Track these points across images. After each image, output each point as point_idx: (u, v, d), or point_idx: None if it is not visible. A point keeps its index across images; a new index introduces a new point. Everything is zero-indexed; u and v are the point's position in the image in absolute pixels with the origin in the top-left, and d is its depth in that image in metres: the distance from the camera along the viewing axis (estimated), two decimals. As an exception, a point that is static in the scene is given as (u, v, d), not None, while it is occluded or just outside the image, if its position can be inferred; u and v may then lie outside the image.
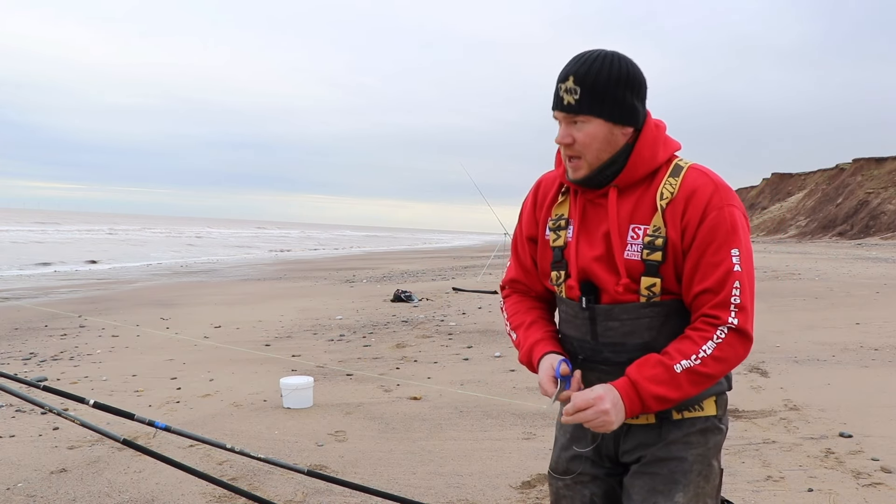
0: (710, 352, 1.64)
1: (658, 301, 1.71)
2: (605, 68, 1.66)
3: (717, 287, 1.64)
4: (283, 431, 5.08)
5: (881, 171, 75.89)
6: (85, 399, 3.06)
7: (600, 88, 1.66)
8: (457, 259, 34.04)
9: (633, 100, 1.70)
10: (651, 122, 1.76)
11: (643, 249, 1.69)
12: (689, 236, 1.67)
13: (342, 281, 19.29)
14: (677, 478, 1.74)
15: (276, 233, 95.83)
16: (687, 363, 1.64)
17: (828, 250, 39.29)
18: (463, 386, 6.47)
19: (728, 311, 1.64)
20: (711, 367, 1.64)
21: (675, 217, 1.68)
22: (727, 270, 1.64)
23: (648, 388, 1.64)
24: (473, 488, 4.01)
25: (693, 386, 1.65)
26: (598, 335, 1.77)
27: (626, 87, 1.68)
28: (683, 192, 1.68)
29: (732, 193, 1.71)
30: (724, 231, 1.65)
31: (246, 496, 3.24)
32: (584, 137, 1.69)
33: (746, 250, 1.68)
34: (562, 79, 1.70)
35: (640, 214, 1.71)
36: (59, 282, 18.39)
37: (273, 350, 8.40)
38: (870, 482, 3.98)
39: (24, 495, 3.87)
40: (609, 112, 1.67)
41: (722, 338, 1.64)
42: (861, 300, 12.92)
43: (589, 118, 1.68)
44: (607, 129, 1.69)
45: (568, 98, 1.68)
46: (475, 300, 13.63)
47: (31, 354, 7.98)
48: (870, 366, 7.21)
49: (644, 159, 1.72)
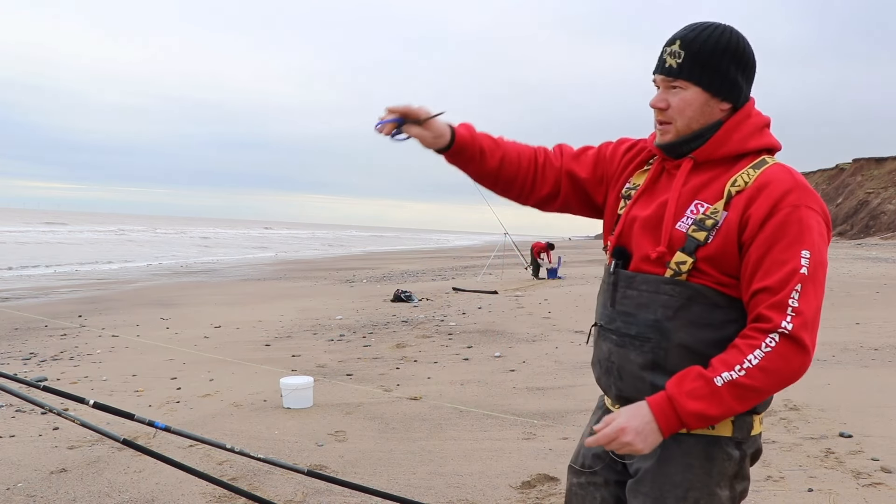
0: (756, 362, 1.47)
1: (682, 280, 1.60)
2: (713, 37, 1.61)
3: (777, 286, 1.49)
4: (283, 431, 5.08)
5: (881, 171, 75.90)
6: (85, 399, 3.06)
7: (704, 55, 1.60)
8: (457, 259, 34.04)
9: (737, 75, 1.63)
10: (751, 107, 1.68)
11: (692, 225, 1.60)
12: (754, 228, 1.54)
13: (342, 281, 19.29)
14: (668, 502, 1.61)
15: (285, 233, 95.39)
16: (728, 375, 1.48)
17: (828, 250, 39.27)
18: (463, 386, 6.48)
19: (784, 314, 1.48)
20: (758, 380, 1.48)
21: (739, 205, 1.57)
22: (792, 270, 1.50)
23: (686, 404, 1.49)
24: (473, 488, 4.01)
25: (738, 401, 1.49)
26: (615, 302, 1.70)
27: (731, 60, 1.62)
28: (758, 182, 1.58)
29: (816, 198, 1.58)
30: (797, 230, 1.52)
31: (246, 496, 3.24)
32: (679, 102, 1.64)
33: (819, 257, 1.53)
34: (669, 42, 1.65)
35: (708, 193, 1.62)
36: (59, 282, 18.38)
37: (273, 350, 8.40)
38: (870, 482, 3.98)
39: (24, 495, 3.87)
40: (709, 81, 1.62)
41: (772, 346, 1.47)
42: (861, 300, 12.93)
43: (688, 84, 1.62)
44: (704, 99, 1.63)
45: (670, 61, 1.63)
46: (475, 300, 13.63)
47: (31, 354, 7.98)
48: (870, 366, 7.21)
49: (730, 139, 1.64)
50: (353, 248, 53.83)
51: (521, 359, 7.64)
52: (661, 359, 1.62)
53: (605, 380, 1.76)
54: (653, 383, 1.62)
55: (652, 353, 1.63)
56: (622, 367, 1.68)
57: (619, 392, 1.71)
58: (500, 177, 1.85)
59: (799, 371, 1.50)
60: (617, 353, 1.69)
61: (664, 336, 1.61)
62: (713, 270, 1.59)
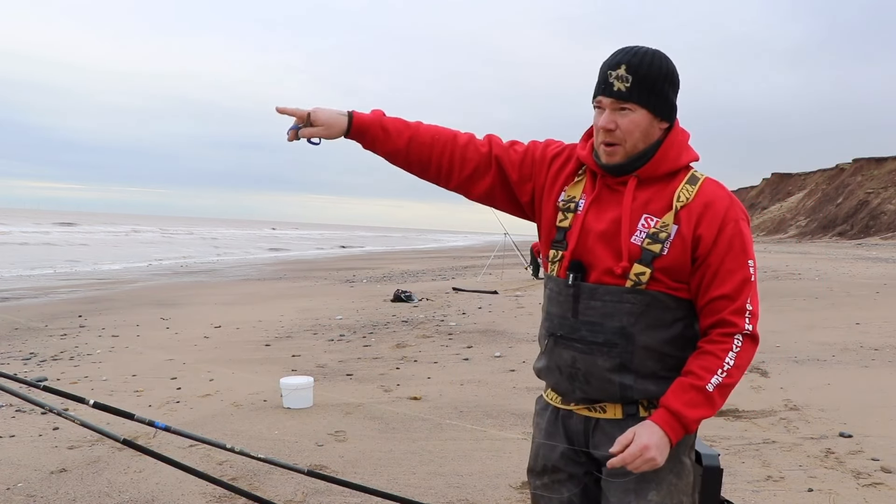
0: (732, 362, 1.72)
1: (642, 290, 1.75)
2: (655, 62, 1.75)
3: (734, 294, 1.72)
4: (283, 431, 5.08)
5: (881, 171, 75.86)
6: (85, 399, 3.06)
7: (650, 80, 1.74)
8: (457, 259, 34.04)
9: (674, 98, 1.80)
10: (679, 126, 1.84)
11: (646, 238, 1.74)
12: (707, 245, 1.73)
13: (342, 281, 19.29)
14: (649, 476, 1.76)
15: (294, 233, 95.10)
16: (717, 379, 1.71)
17: (828, 250, 39.29)
18: (463, 386, 6.48)
19: (743, 318, 1.73)
20: (735, 377, 1.73)
21: (689, 220, 1.74)
22: (744, 279, 1.73)
23: (689, 414, 1.70)
24: (473, 488, 4.01)
25: (723, 398, 1.73)
26: (578, 313, 1.81)
27: (670, 84, 1.78)
28: (700, 199, 1.76)
29: (743, 208, 1.80)
30: (740, 242, 1.74)
31: (246, 496, 3.24)
32: (628, 124, 1.75)
33: (755, 262, 1.79)
34: (613, 66, 1.75)
35: (655, 207, 1.77)
36: (59, 282, 18.39)
37: (273, 350, 8.40)
38: (870, 482, 3.98)
39: (24, 495, 3.87)
40: (654, 104, 1.75)
41: (740, 346, 1.72)
42: (861, 300, 12.92)
43: (636, 107, 1.74)
44: (649, 121, 1.76)
45: (619, 85, 1.74)
46: (475, 300, 13.63)
47: (31, 354, 7.98)
48: (870, 366, 7.21)
49: (669, 158, 1.79)
50: (371, 247, 53.89)
51: (521, 359, 7.64)
52: (628, 361, 1.77)
53: (568, 385, 1.86)
54: (621, 383, 1.78)
55: (619, 357, 1.78)
56: (589, 372, 1.81)
57: (585, 395, 1.84)
58: (412, 157, 1.94)
59: (753, 358, 1.78)
60: (583, 360, 1.81)
61: (629, 341, 1.77)
62: (666, 278, 1.76)
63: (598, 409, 1.83)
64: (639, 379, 1.77)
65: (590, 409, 1.84)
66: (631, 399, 1.79)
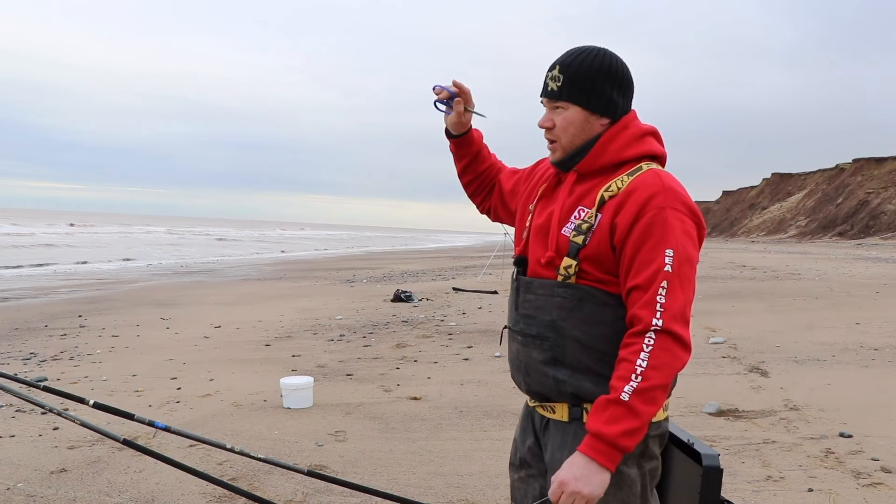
0: (646, 363, 1.60)
1: (572, 283, 1.74)
2: (587, 60, 1.77)
3: (645, 284, 1.64)
4: (283, 431, 5.09)
5: (881, 171, 75.85)
6: (85, 399, 3.06)
7: (580, 77, 1.76)
8: (457, 259, 34.05)
9: (613, 92, 1.78)
10: (628, 119, 1.82)
11: (573, 230, 1.75)
12: (623, 231, 1.68)
13: (342, 281, 19.29)
14: None
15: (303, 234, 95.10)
16: (630, 387, 1.59)
17: (828, 250, 39.31)
18: (463, 386, 6.48)
19: (653, 312, 1.62)
20: (655, 378, 1.60)
21: (610, 210, 1.71)
22: (657, 269, 1.64)
23: (609, 431, 1.59)
24: (473, 488, 4.01)
25: (648, 405, 1.61)
26: (518, 306, 1.85)
27: (605, 80, 1.77)
28: (628, 188, 1.72)
29: (683, 198, 1.71)
30: (661, 231, 1.65)
31: (246, 496, 3.24)
32: (562, 121, 1.79)
33: (684, 253, 1.66)
34: (550, 68, 1.82)
35: (588, 200, 1.77)
36: (59, 282, 18.39)
37: (273, 350, 8.40)
38: (870, 482, 3.98)
39: (24, 495, 3.87)
40: (586, 100, 1.77)
41: (651, 344, 1.61)
42: (861, 300, 12.93)
43: (568, 104, 1.78)
44: (583, 117, 1.78)
45: (552, 84, 1.79)
46: (475, 300, 13.64)
47: (31, 354, 7.98)
48: (870, 366, 7.21)
49: (609, 151, 1.78)
50: (375, 247, 53.89)
51: (521, 359, 7.64)
52: (560, 355, 1.77)
53: (517, 377, 1.90)
54: (555, 377, 1.77)
55: (551, 351, 1.77)
56: (528, 364, 1.83)
57: (529, 387, 1.86)
58: (479, 178, 2.17)
59: (683, 360, 1.64)
60: (523, 352, 1.84)
61: (560, 334, 1.76)
62: (594, 270, 1.73)
63: (549, 409, 1.83)
64: (574, 374, 1.74)
65: (543, 408, 1.85)
66: (566, 393, 1.76)
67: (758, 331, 9.36)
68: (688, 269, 1.66)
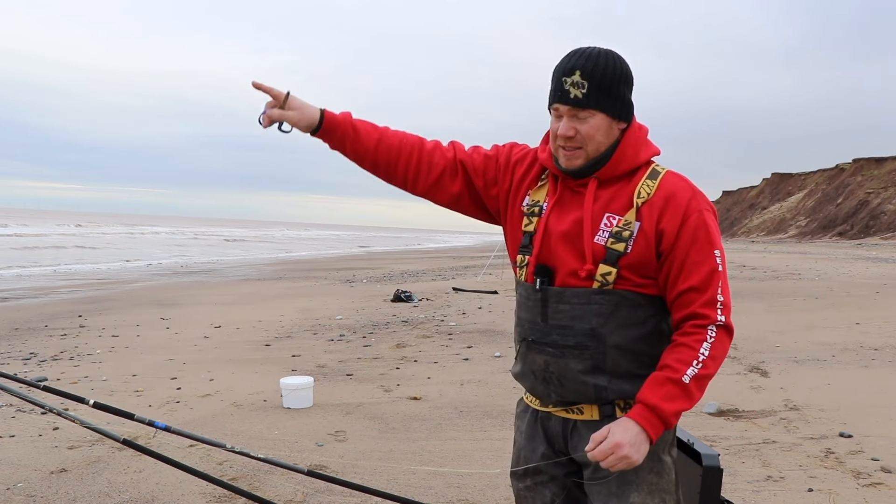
0: (707, 353, 1.68)
1: (610, 290, 1.74)
2: (609, 64, 1.74)
3: (702, 286, 1.71)
4: (283, 431, 5.09)
5: (881, 171, 75.85)
6: (85, 399, 3.06)
7: (606, 84, 1.73)
8: (457, 259, 34.05)
9: (629, 95, 1.79)
10: (636, 122, 1.83)
11: (609, 237, 1.74)
12: (671, 238, 1.72)
13: (342, 281, 19.29)
14: (629, 478, 1.75)
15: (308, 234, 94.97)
16: (692, 371, 1.67)
17: (828, 250, 39.31)
18: (463, 386, 6.48)
19: (715, 310, 1.70)
20: (711, 368, 1.69)
21: (651, 215, 1.73)
22: (712, 269, 1.71)
23: (667, 407, 1.66)
24: (473, 488, 4.01)
25: (701, 390, 1.70)
26: (548, 317, 1.80)
27: (625, 84, 1.77)
28: (661, 193, 1.74)
29: (706, 197, 1.78)
30: (706, 233, 1.72)
31: (246, 496, 3.24)
32: (588, 129, 1.74)
33: (722, 252, 1.77)
34: (567, 73, 1.73)
35: (616, 206, 1.77)
36: (60, 282, 18.39)
37: (273, 350, 8.40)
38: (870, 482, 3.98)
39: (24, 495, 3.87)
40: (612, 107, 1.75)
41: (714, 337, 1.69)
42: (861, 300, 12.92)
43: (594, 112, 1.74)
44: (608, 124, 1.76)
45: (575, 92, 1.72)
46: (475, 300, 13.64)
47: (31, 354, 7.98)
48: (870, 366, 7.21)
49: (627, 156, 1.78)
50: (379, 247, 53.92)
51: (521, 359, 7.63)
52: (601, 362, 1.77)
53: (543, 388, 1.85)
54: (595, 385, 1.77)
55: (592, 359, 1.77)
56: (563, 375, 1.80)
57: (560, 398, 1.83)
58: (379, 158, 1.92)
59: (729, 349, 1.75)
60: (556, 364, 1.80)
61: (600, 342, 1.76)
62: (633, 276, 1.75)
63: (575, 411, 1.82)
64: (613, 379, 1.76)
65: (567, 411, 1.83)
66: (606, 399, 1.77)
67: (758, 331, 9.36)
68: (725, 266, 1.76)
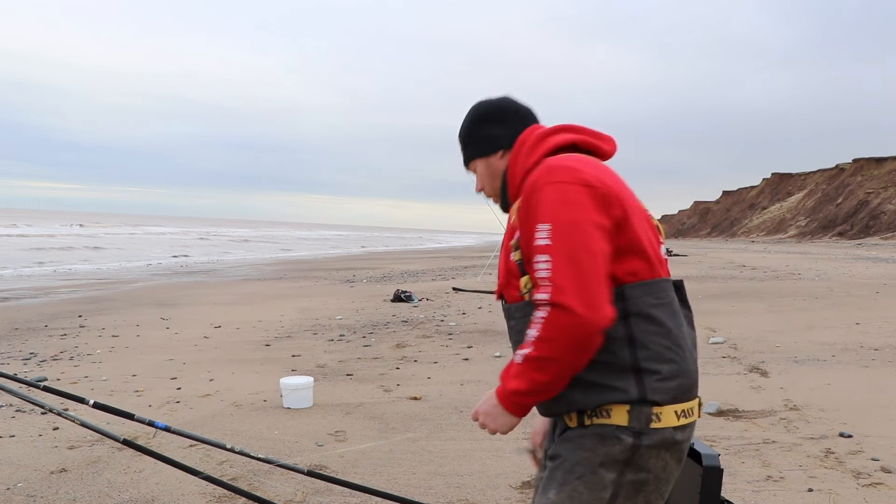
0: (536, 334, 1.62)
1: None
2: (467, 118, 1.96)
3: (532, 263, 1.68)
4: (283, 431, 5.09)
5: (881, 171, 75.86)
6: (85, 399, 3.06)
7: (464, 137, 1.96)
8: (457, 259, 34.04)
9: (490, 129, 1.91)
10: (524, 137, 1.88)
11: (514, 251, 1.79)
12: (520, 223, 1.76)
13: (342, 281, 19.29)
14: (556, 475, 1.75)
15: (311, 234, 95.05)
16: (523, 351, 1.66)
17: (828, 250, 39.31)
18: (463, 386, 6.48)
19: (538, 289, 1.64)
20: (542, 350, 1.62)
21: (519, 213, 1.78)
22: (533, 249, 1.67)
23: (507, 385, 1.70)
24: (473, 488, 4.01)
25: (538, 372, 1.64)
26: (509, 333, 1.89)
27: (480, 123, 1.93)
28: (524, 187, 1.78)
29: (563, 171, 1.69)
30: (533, 211, 1.69)
31: (246, 496, 3.24)
32: (480, 178, 1.97)
33: (563, 222, 1.64)
34: None
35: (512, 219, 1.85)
36: (60, 282, 18.39)
37: (273, 350, 8.40)
38: (870, 482, 3.98)
39: (24, 495, 3.87)
40: (477, 150, 1.94)
41: (543, 318, 1.62)
42: (861, 300, 12.92)
43: (475, 162, 1.96)
44: (485, 163, 1.94)
45: (462, 157, 2.00)
46: (475, 300, 13.64)
47: (31, 354, 7.98)
48: (870, 366, 7.21)
49: (515, 172, 1.87)
50: (385, 247, 53.93)
51: (521, 359, 7.63)
52: None
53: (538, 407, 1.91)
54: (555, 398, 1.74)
55: None
56: None
57: (546, 410, 1.86)
58: None
59: (576, 333, 1.59)
60: None
61: None
62: None
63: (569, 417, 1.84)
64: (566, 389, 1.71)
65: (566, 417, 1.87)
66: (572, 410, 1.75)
67: (758, 331, 9.36)
68: (575, 235, 1.62)
